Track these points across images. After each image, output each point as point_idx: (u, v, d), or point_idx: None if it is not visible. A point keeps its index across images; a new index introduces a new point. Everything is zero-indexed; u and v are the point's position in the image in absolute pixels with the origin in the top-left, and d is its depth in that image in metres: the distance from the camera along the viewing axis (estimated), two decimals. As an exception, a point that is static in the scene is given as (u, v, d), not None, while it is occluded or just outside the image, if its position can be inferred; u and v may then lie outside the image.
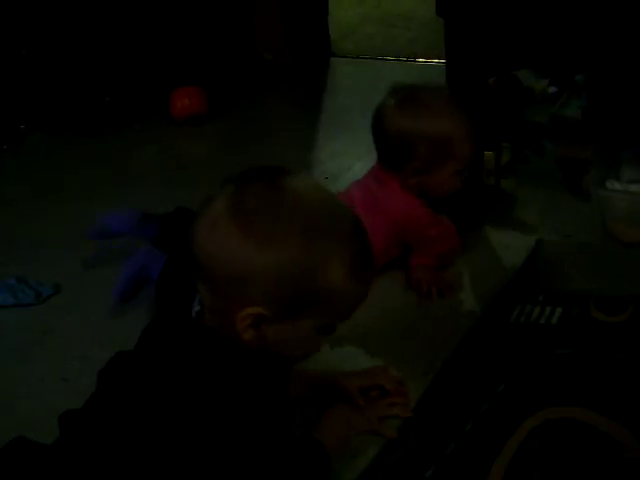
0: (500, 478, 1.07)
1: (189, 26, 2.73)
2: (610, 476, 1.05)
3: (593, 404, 1.16)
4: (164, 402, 0.89)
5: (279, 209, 0.87)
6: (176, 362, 0.91)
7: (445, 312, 1.45)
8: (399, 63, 2.89)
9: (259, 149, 2.19)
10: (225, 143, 2.35)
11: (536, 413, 1.16)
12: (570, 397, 1.19)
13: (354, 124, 2.36)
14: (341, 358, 1.35)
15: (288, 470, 0.96)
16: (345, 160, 1.66)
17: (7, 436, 0.98)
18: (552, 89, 2.23)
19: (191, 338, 0.93)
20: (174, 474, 0.88)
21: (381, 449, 1.14)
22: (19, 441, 0.97)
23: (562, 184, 1.82)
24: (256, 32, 2.97)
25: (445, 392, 1.24)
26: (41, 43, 2.54)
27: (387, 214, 1.50)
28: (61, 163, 2.37)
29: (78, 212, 2.00)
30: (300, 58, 2.95)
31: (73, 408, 0.98)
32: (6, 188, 2.22)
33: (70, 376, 1.37)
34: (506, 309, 1.42)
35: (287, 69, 2.91)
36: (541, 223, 1.68)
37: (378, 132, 1.52)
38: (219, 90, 2.65)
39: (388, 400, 1.21)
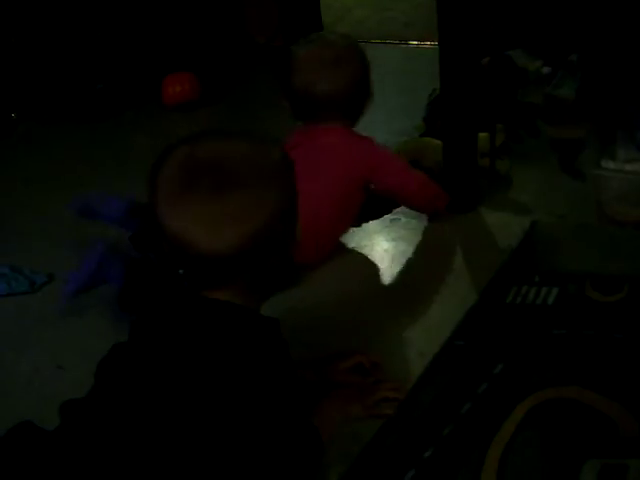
0: (498, 459, 1.07)
1: (180, 12, 2.71)
2: (606, 454, 1.05)
3: (590, 384, 1.16)
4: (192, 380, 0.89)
5: None
6: (203, 338, 0.92)
7: (442, 293, 1.45)
8: (393, 46, 2.88)
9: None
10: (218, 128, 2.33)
11: (533, 393, 1.16)
12: (567, 377, 1.19)
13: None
14: (335, 338, 1.35)
15: (281, 453, 0.96)
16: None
17: (3, 424, 0.98)
18: (546, 69, 2.22)
19: (205, 311, 0.94)
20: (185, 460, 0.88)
21: (378, 432, 1.14)
22: (24, 425, 0.97)
23: (557, 164, 1.81)
24: (248, 16, 2.95)
25: (442, 373, 1.24)
26: (31, 31, 2.52)
27: (348, 163, 1.50)
28: (53, 151, 2.36)
29: (72, 200, 1.99)
30: (292, 42, 2.92)
31: (73, 398, 0.97)
32: (-2, 177, 2.21)
33: (65, 364, 1.37)
34: (502, 290, 1.41)
35: (279, 53, 2.89)
36: (536, 204, 1.67)
37: (316, 96, 1.51)
38: (211, 76, 2.64)
39: (382, 385, 1.21)
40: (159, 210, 0.91)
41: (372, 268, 1.56)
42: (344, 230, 1.59)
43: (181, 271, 0.97)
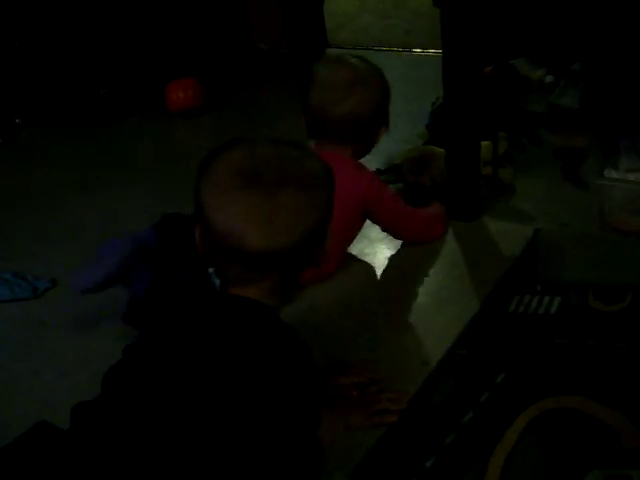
0: (500, 468, 1.06)
1: (184, 17, 2.72)
2: (609, 465, 1.04)
3: (592, 393, 1.16)
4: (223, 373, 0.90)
5: None
6: (227, 334, 0.93)
7: (444, 302, 1.44)
8: (396, 54, 2.88)
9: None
10: (222, 135, 2.33)
11: (535, 403, 1.16)
12: (569, 387, 1.18)
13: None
14: (337, 346, 1.34)
15: (283, 461, 0.95)
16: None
17: (4, 431, 0.98)
18: (549, 78, 2.22)
19: (234, 309, 0.96)
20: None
21: (379, 441, 1.14)
22: (42, 425, 0.97)
23: (559, 173, 1.81)
24: (252, 23, 2.95)
25: (444, 382, 1.24)
26: (35, 36, 2.52)
27: (349, 188, 1.45)
28: (57, 156, 2.36)
29: (75, 206, 2.00)
30: (296, 49, 2.93)
31: (84, 401, 0.97)
32: (1, 182, 2.21)
33: (67, 370, 1.37)
34: (504, 299, 1.41)
35: (283, 60, 2.90)
36: (539, 212, 1.67)
37: (330, 116, 1.48)
38: (215, 82, 2.64)
39: (384, 395, 1.20)
40: (208, 204, 0.94)
41: (374, 276, 1.56)
42: (345, 251, 1.59)
43: (211, 270, 0.98)
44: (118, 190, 2.05)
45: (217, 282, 0.99)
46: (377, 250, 1.63)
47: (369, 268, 1.59)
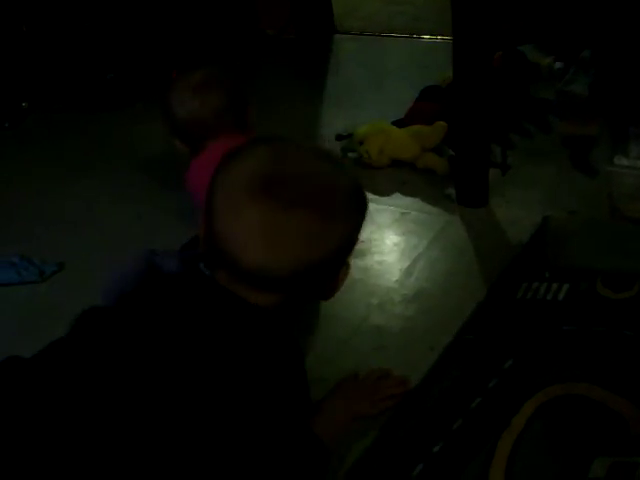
0: (507, 454, 1.07)
1: (192, 3, 2.70)
2: (616, 452, 1.04)
3: (600, 380, 1.16)
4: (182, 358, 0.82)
5: None
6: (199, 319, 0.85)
7: (452, 287, 1.44)
8: (403, 40, 2.86)
9: (262, 127, 2.17)
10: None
11: (543, 389, 1.16)
12: (577, 373, 1.18)
13: (358, 101, 2.34)
14: (343, 332, 1.34)
15: (282, 462, 0.87)
16: (349, 137, 1.67)
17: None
18: (558, 65, 2.20)
19: (211, 298, 0.87)
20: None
21: (387, 425, 1.14)
22: (12, 360, 0.93)
23: (568, 160, 1.80)
24: (259, 9, 2.94)
25: (452, 368, 1.24)
26: (42, 20, 2.52)
27: None
28: (63, 141, 2.36)
29: (81, 190, 2.00)
30: (304, 35, 2.92)
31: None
32: (9, 166, 2.22)
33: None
34: (513, 285, 1.41)
35: (290, 46, 2.89)
36: (548, 199, 1.66)
37: (203, 116, 1.52)
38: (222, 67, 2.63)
39: (388, 382, 1.21)
40: (217, 204, 0.84)
41: (382, 262, 1.56)
42: None
43: (201, 264, 0.91)
44: (124, 175, 2.04)
45: (207, 272, 0.89)
46: (384, 235, 1.63)
47: (376, 253, 1.58)
